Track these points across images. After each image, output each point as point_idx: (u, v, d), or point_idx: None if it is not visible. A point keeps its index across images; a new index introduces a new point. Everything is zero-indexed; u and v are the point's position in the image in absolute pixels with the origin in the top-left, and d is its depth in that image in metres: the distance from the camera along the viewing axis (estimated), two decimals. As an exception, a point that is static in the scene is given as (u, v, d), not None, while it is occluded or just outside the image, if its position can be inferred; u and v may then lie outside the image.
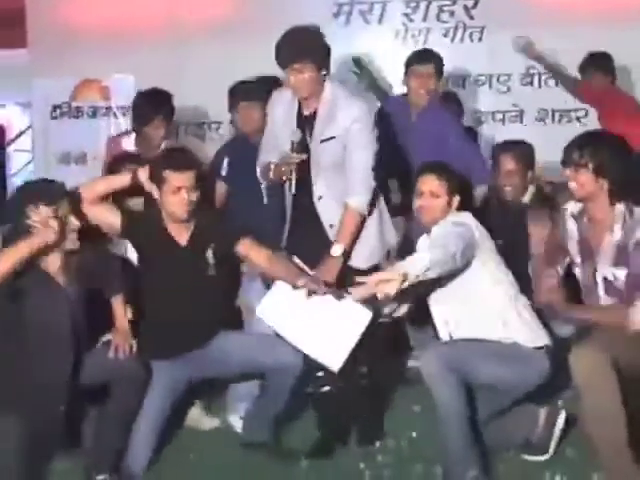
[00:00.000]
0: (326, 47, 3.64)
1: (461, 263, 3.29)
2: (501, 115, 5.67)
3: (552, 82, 5.52)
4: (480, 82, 5.68)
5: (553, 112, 5.60)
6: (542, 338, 3.45)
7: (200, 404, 4.02)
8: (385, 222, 3.82)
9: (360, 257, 3.69)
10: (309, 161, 3.65)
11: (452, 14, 5.72)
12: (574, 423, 3.52)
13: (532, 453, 3.54)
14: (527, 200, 4.09)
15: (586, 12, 5.48)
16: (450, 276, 3.39)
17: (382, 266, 3.66)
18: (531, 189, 4.11)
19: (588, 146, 3.26)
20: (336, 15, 5.80)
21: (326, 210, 3.69)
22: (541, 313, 3.52)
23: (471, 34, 5.71)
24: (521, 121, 5.63)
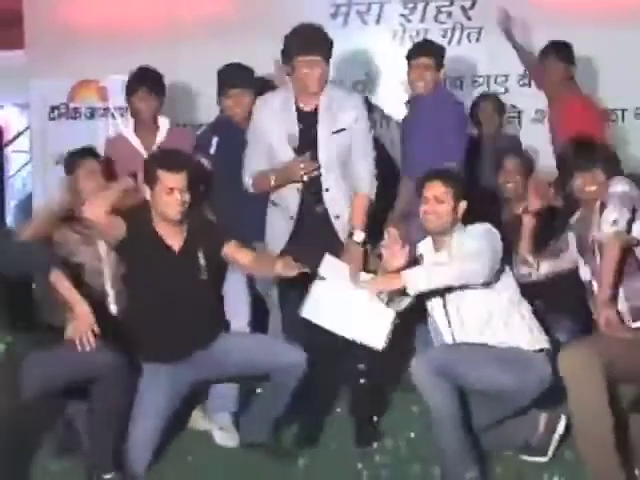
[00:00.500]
0: (332, 44, 3.76)
1: (489, 277, 3.35)
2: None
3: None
4: (478, 83, 5.68)
5: (551, 113, 5.60)
6: (542, 341, 3.46)
7: (199, 406, 3.98)
8: None
9: None
10: (317, 155, 3.72)
11: (450, 15, 5.72)
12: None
13: (531, 454, 3.54)
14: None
15: (584, 12, 5.48)
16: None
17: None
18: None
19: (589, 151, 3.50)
20: (334, 16, 5.79)
21: (333, 202, 3.78)
22: (541, 318, 3.55)
23: (469, 35, 5.71)
24: (519, 122, 5.63)
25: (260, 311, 4.07)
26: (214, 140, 4.18)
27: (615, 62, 5.35)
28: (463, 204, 3.55)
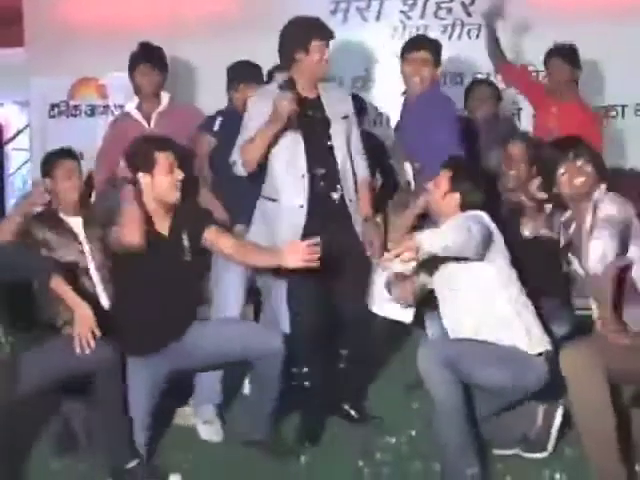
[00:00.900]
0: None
1: (477, 253, 3.30)
2: (499, 112, 5.66)
3: (550, 79, 5.52)
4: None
5: (551, 109, 5.59)
6: (543, 344, 3.43)
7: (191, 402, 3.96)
8: None
9: None
10: (329, 135, 3.82)
11: (450, 11, 5.72)
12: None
13: (531, 450, 3.53)
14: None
15: (584, 9, 5.47)
16: (460, 273, 3.41)
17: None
18: (536, 181, 3.98)
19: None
20: (333, 12, 5.78)
21: (347, 186, 3.85)
22: (542, 314, 3.54)
23: (469, 31, 5.71)
24: (519, 118, 5.62)
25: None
26: (218, 119, 4.28)
27: (615, 58, 5.34)
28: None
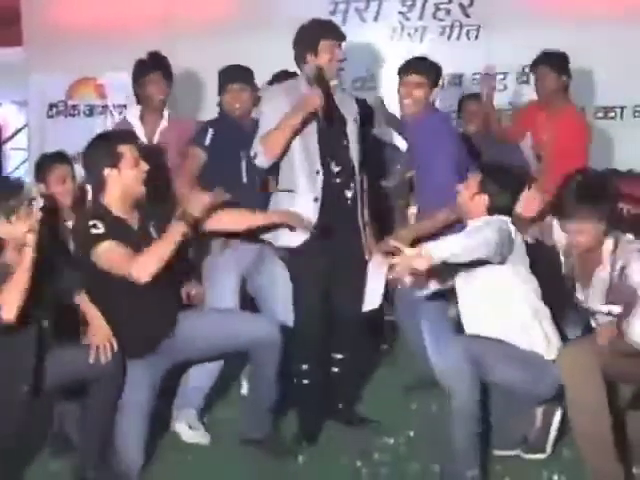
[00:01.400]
0: None
1: (496, 253, 3.27)
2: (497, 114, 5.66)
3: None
4: (476, 81, 5.66)
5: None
6: (558, 350, 3.38)
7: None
8: None
9: None
10: (346, 134, 3.82)
11: (448, 12, 5.74)
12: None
13: (530, 452, 3.54)
14: None
15: (583, 10, 5.47)
16: (481, 275, 3.38)
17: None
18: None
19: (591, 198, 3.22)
20: (332, 13, 5.79)
21: (357, 187, 3.84)
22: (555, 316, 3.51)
23: (467, 32, 5.73)
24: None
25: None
26: (210, 132, 4.19)
27: (614, 60, 5.35)
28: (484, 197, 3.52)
